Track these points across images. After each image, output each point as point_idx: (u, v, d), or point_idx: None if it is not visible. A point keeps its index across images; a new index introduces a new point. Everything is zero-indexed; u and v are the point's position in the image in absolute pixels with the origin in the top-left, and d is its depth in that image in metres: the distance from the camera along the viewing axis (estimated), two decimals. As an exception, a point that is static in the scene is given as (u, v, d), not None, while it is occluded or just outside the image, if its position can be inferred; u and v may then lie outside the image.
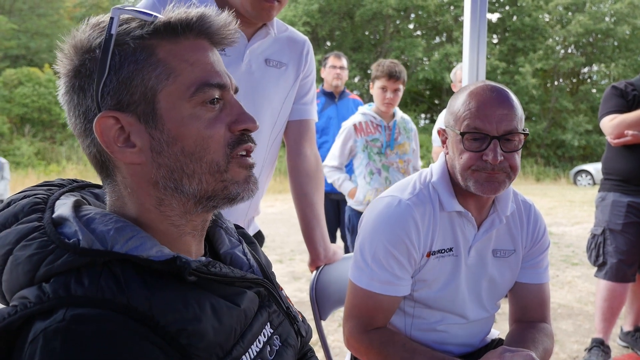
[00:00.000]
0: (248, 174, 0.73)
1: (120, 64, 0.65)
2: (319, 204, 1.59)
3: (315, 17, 20.65)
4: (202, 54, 0.70)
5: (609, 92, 2.66)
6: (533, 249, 1.34)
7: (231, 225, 0.89)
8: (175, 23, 0.68)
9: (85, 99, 0.66)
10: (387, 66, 2.92)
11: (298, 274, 4.76)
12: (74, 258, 0.60)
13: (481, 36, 2.25)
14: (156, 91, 0.66)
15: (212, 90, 0.68)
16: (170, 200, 0.70)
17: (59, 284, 0.59)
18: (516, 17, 22.49)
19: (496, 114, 1.13)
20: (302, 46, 1.54)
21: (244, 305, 0.72)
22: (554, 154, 21.57)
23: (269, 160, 1.54)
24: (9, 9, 21.28)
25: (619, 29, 21.10)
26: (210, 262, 0.69)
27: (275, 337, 0.77)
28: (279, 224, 7.61)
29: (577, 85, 23.81)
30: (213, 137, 0.69)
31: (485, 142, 1.14)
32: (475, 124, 1.14)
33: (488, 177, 1.15)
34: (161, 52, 0.67)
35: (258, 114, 1.44)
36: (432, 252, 1.23)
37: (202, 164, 0.68)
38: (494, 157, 1.13)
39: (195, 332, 0.62)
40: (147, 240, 0.66)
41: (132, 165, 0.68)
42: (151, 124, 0.67)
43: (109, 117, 0.66)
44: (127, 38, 0.66)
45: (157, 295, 0.62)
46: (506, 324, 3.41)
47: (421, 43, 21.60)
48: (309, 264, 1.61)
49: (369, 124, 2.98)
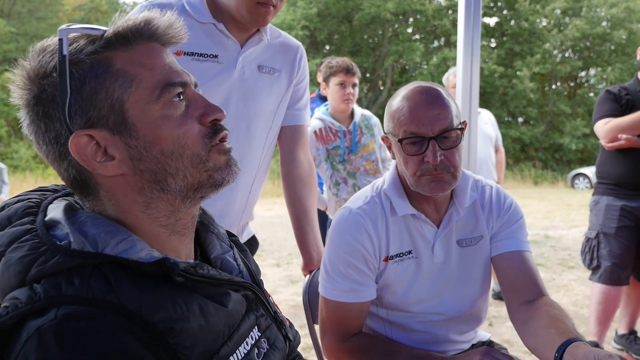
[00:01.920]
0: (227, 158, 0.75)
1: (81, 82, 0.66)
2: (312, 209, 1.60)
3: (314, 21, 20.70)
4: (157, 57, 0.71)
5: (603, 97, 2.68)
6: (502, 224, 1.33)
7: (223, 230, 0.90)
8: (125, 31, 0.68)
9: (54, 124, 0.67)
10: (342, 61, 2.81)
11: (295, 278, 4.76)
12: (65, 259, 0.62)
13: (475, 40, 2.26)
14: (123, 101, 0.67)
15: (176, 89, 0.70)
16: (157, 203, 0.71)
17: (50, 284, 0.60)
18: (514, 21, 22.56)
19: (429, 115, 1.17)
20: (295, 52, 1.56)
21: (231, 307, 0.73)
22: (552, 158, 21.61)
23: (263, 165, 1.55)
24: (8, 12, 21.30)
25: (616, 34, 21.19)
26: (198, 264, 0.71)
27: (263, 340, 0.79)
28: (276, 228, 7.61)
29: (575, 89, 23.87)
30: (188, 132, 0.70)
31: (423, 144, 1.18)
32: (411, 128, 1.17)
33: (433, 178, 1.19)
34: (118, 62, 0.68)
35: (251, 120, 1.46)
36: (390, 257, 1.27)
37: (184, 160, 0.70)
38: (434, 157, 1.16)
39: (183, 331, 0.64)
40: (137, 243, 0.67)
41: (114, 178, 0.69)
42: (125, 134, 0.68)
43: (83, 136, 0.66)
44: (81, 56, 0.66)
45: (146, 295, 0.63)
46: (503, 328, 3.42)
47: (419, 47, 21.65)
48: (302, 268, 1.62)
49: (328, 131, 2.84)
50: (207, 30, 1.39)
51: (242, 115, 1.44)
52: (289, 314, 3.72)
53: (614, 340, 2.97)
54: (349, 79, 2.78)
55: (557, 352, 0.99)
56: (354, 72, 2.80)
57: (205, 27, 1.38)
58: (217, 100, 1.39)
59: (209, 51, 1.38)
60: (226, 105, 1.41)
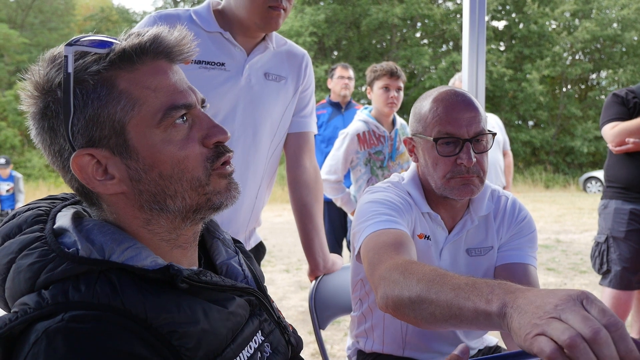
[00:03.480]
0: (228, 182, 0.75)
1: (84, 102, 0.67)
2: (318, 215, 1.61)
3: (322, 27, 20.76)
4: (162, 77, 0.70)
5: (610, 100, 2.67)
6: (512, 234, 1.32)
7: (228, 236, 0.92)
8: (129, 51, 0.68)
9: (57, 139, 0.69)
10: (387, 65, 2.81)
11: (305, 284, 4.76)
12: (73, 266, 0.64)
13: (480, 44, 2.26)
14: (124, 123, 0.68)
15: (179, 112, 0.70)
16: (157, 220, 0.73)
17: (57, 290, 0.62)
18: (522, 24, 22.45)
19: (464, 117, 1.16)
20: (301, 59, 1.58)
21: (235, 311, 0.75)
22: (563, 161, 21.41)
23: (268, 171, 1.57)
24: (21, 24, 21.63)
25: (627, 35, 20.99)
26: (202, 271, 0.72)
27: (266, 344, 0.80)
28: (286, 234, 7.63)
29: (586, 91, 23.68)
30: (189, 156, 0.71)
31: (458, 145, 1.17)
32: (447, 129, 1.16)
33: (463, 181, 1.18)
34: (121, 83, 0.68)
35: (258, 127, 1.48)
36: (417, 235, 1.25)
37: (182, 183, 0.71)
38: (469, 159, 1.15)
39: (186, 334, 0.66)
40: (142, 250, 0.69)
41: (115, 195, 0.71)
42: (125, 155, 0.69)
43: (84, 155, 0.68)
44: (85, 75, 0.67)
45: (150, 300, 0.65)
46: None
47: (428, 51, 21.62)
48: (308, 274, 1.63)
49: (372, 135, 2.81)
50: (214, 39, 1.42)
51: (248, 122, 1.46)
52: (298, 319, 3.72)
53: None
54: (394, 83, 2.78)
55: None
56: (398, 75, 2.79)
57: (212, 36, 1.41)
58: (224, 107, 1.42)
59: (216, 59, 1.40)
60: (233, 113, 1.43)
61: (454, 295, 0.76)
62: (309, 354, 3.06)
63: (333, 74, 3.80)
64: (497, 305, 0.68)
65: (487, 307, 0.70)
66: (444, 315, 0.78)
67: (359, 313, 1.42)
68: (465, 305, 0.74)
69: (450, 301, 0.76)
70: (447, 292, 0.78)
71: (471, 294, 0.74)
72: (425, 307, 0.81)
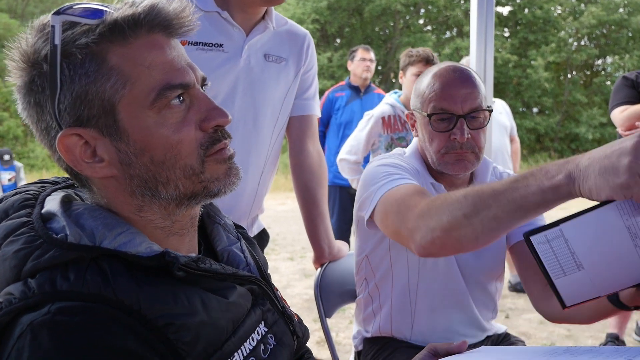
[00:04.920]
0: (228, 167, 0.70)
1: (71, 78, 0.61)
2: (323, 201, 1.57)
3: (324, 14, 20.57)
4: (158, 52, 0.64)
5: (620, 83, 2.61)
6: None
7: (230, 222, 0.87)
8: (121, 23, 0.62)
9: (44, 115, 0.64)
10: (423, 51, 2.70)
11: (309, 272, 4.74)
12: (61, 253, 0.59)
13: (488, 30, 2.21)
14: (114, 102, 0.63)
15: (175, 92, 0.64)
16: (150, 206, 0.68)
17: (44, 278, 0.58)
18: (527, 9, 22.18)
19: (460, 93, 1.17)
20: (302, 40, 1.52)
21: (236, 300, 0.70)
22: (568, 148, 21.27)
23: (271, 156, 1.52)
24: (21, 13, 21.54)
25: (633, 20, 20.71)
26: (200, 258, 0.68)
27: (270, 335, 0.75)
28: (290, 222, 7.61)
29: (591, 77, 23.45)
30: (183, 141, 0.65)
31: (452, 121, 1.18)
32: (441, 104, 1.18)
33: (457, 156, 1.19)
34: (113, 58, 0.62)
35: (259, 110, 1.43)
36: None
37: (175, 171, 0.66)
38: (462, 135, 1.16)
39: (183, 327, 0.61)
40: (136, 236, 0.64)
41: (105, 179, 0.66)
42: (115, 137, 0.64)
43: (71, 135, 0.63)
44: (73, 48, 0.61)
45: (144, 290, 0.61)
46: (520, 320, 3.37)
47: (431, 38, 21.44)
48: (314, 262, 1.60)
49: (397, 120, 2.74)
50: (212, 19, 1.36)
51: (249, 105, 1.41)
52: (302, 307, 3.71)
53: (634, 332, 2.91)
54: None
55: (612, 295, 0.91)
56: (433, 62, 2.70)
57: (209, 15, 1.36)
58: (222, 90, 1.37)
59: (214, 40, 1.35)
60: (232, 95, 1.38)
61: (512, 189, 0.80)
62: (314, 342, 3.04)
63: (354, 56, 3.74)
64: (564, 175, 0.75)
65: (552, 181, 0.75)
66: (509, 211, 0.80)
67: (365, 294, 1.40)
68: (528, 191, 0.77)
69: (511, 195, 0.79)
70: (503, 190, 0.81)
71: (528, 180, 0.78)
72: (484, 214, 0.82)
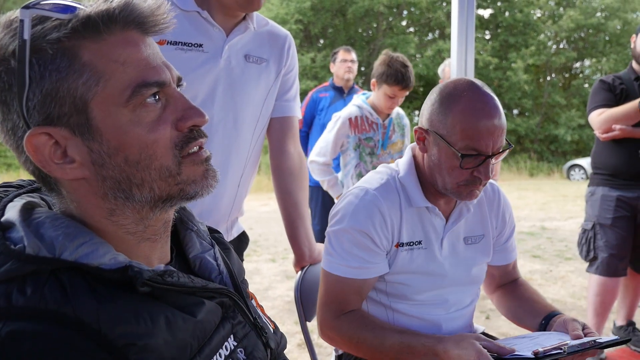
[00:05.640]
0: (205, 169, 0.67)
1: (40, 74, 0.58)
2: (303, 203, 1.56)
3: (308, 15, 20.56)
4: (133, 49, 0.62)
5: (597, 87, 2.65)
6: (501, 232, 1.40)
7: (204, 227, 0.83)
8: (95, 18, 0.59)
9: (10, 114, 0.60)
10: (399, 72, 2.60)
11: (291, 273, 4.72)
12: (18, 266, 0.56)
13: (469, 32, 2.22)
14: (87, 100, 0.60)
15: (150, 90, 0.62)
16: (122, 210, 0.65)
17: (0, 292, 0.55)
18: (508, 12, 22.50)
19: (495, 133, 1.14)
20: (283, 41, 1.51)
21: (203, 318, 0.67)
22: (547, 149, 21.62)
23: (252, 158, 1.51)
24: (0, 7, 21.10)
25: (610, 24, 21.16)
26: (167, 271, 0.64)
27: (240, 350, 0.72)
28: (272, 223, 7.57)
29: (569, 80, 23.86)
30: (158, 141, 0.63)
31: (479, 160, 1.15)
32: (474, 145, 1.14)
33: (473, 189, 1.19)
34: (85, 54, 0.59)
35: (239, 111, 1.41)
36: (401, 244, 1.25)
37: (150, 172, 0.63)
38: (486, 175, 1.15)
39: (146, 348, 0.58)
40: (100, 246, 0.61)
41: (75, 181, 0.63)
42: (87, 136, 0.61)
43: (40, 134, 0.59)
44: (44, 43, 0.58)
45: (105, 307, 0.57)
46: (500, 321, 3.40)
47: (414, 40, 21.57)
48: (294, 265, 1.58)
49: (364, 120, 2.77)
50: (191, 18, 1.34)
51: (229, 106, 1.39)
52: (284, 309, 3.69)
53: (612, 332, 2.95)
54: (401, 93, 2.69)
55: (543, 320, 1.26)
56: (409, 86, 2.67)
57: (189, 15, 1.34)
58: (202, 91, 1.35)
59: (194, 40, 1.33)
60: (212, 96, 1.36)
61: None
62: (295, 345, 3.03)
63: (336, 58, 3.72)
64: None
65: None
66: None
67: None
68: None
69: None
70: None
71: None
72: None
